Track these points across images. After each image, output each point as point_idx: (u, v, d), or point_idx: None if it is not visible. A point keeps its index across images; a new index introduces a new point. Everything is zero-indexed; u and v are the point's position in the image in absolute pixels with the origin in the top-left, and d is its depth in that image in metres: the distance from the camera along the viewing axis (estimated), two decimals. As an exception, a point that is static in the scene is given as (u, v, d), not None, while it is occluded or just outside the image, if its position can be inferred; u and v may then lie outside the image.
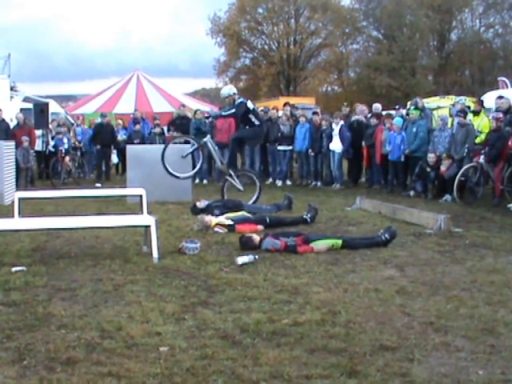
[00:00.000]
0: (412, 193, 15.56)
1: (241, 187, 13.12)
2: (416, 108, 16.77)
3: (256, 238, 9.06)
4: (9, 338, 5.31)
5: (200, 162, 14.11)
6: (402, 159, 16.26)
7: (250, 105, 12.77)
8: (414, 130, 16.00)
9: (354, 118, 18.44)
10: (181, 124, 20.22)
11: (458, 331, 5.46)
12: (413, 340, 5.25)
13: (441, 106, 23.17)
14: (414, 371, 4.62)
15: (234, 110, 12.67)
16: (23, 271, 7.61)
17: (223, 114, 13.60)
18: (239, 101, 12.68)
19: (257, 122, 12.72)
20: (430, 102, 23.18)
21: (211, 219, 10.72)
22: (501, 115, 14.40)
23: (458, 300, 6.43)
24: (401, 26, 50.21)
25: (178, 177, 12.99)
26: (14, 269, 7.67)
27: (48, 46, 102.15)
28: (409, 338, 5.29)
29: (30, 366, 4.74)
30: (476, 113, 15.65)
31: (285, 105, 20.71)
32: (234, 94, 12.85)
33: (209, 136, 13.65)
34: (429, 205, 13.56)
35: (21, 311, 6.05)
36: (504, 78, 23.49)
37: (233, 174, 13.05)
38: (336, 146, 17.61)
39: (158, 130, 20.74)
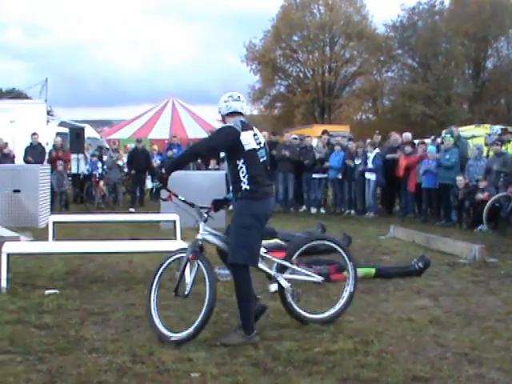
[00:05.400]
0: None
1: None
2: (451, 136, 16.66)
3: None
4: (41, 360, 5.34)
5: None
6: (437, 187, 16.14)
7: None
8: (447, 157, 15.84)
9: (388, 146, 18.38)
10: None
11: (493, 363, 5.37)
12: (446, 371, 5.17)
13: (476, 134, 23.01)
14: (448, 403, 4.55)
15: None
16: (56, 294, 7.66)
17: None
18: None
19: None
20: (464, 131, 23.03)
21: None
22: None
23: (492, 331, 6.33)
24: (436, 53, 50.05)
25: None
26: (47, 292, 7.74)
27: (81, 71, 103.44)
28: (442, 369, 5.21)
29: (61, 389, 4.75)
30: (505, 142, 15.57)
31: (323, 133, 20.75)
32: None
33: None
34: (463, 234, 13.42)
35: (53, 334, 6.08)
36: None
37: None
38: (371, 174, 17.55)
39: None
